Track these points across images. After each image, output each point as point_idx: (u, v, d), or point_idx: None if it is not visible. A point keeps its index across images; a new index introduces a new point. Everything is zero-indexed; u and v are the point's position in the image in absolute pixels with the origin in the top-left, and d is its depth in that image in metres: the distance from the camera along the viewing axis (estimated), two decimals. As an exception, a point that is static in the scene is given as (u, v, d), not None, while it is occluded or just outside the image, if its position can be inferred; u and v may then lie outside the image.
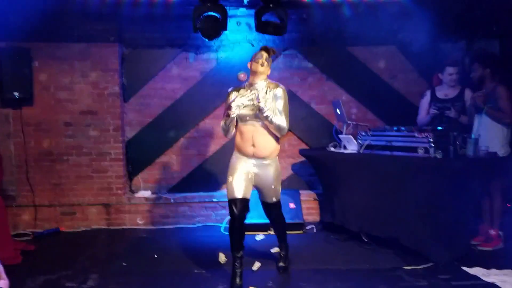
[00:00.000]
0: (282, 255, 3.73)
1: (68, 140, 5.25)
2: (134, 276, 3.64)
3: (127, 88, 5.45)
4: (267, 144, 3.37)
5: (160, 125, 5.52)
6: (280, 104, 3.31)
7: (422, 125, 4.41)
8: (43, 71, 5.17)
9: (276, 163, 3.47)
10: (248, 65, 3.39)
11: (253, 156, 3.36)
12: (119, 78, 5.31)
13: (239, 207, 3.27)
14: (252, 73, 3.37)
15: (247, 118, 3.33)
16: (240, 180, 3.33)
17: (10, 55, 4.92)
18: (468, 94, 4.34)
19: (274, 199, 3.51)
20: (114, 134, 5.30)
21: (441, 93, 4.47)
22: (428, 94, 4.56)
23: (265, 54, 3.34)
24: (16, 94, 4.91)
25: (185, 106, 5.52)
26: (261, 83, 3.38)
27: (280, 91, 3.33)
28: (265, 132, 3.34)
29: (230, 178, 3.36)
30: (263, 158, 3.38)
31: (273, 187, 3.44)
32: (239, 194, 3.29)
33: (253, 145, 3.34)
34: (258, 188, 3.49)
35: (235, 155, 3.47)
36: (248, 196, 3.35)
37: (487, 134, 4.05)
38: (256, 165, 3.39)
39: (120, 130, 5.32)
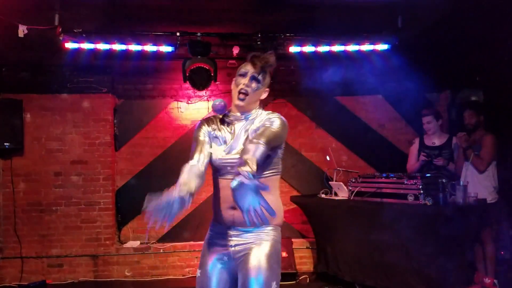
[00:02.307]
0: None
1: (58, 190, 5.21)
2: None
3: (118, 138, 5.49)
4: None
5: (151, 173, 5.51)
6: (267, 126, 2.02)
7: (412, 172, 4.46)
8: (34, 122, 5.21)
9: (273, 237, 2.10)
10: (232, 85, 2.16)
11: (233, 223, 2.11)
12: (111, 128, 5.35)
13: None
14: (233, 105, 2.14)
15: (228, 168, 2.08)
16: (212, 275, 2.12)
17: (2, 106, 4.97)
18: (455, 142, 4.39)
19: None
20: (104, 183, 5.27)
21: (429, 140, 4.53)
22: (416, 142, 4.64)
23: (251, 70, 2.07)
24: (6, 144, 4.92)
25: (176, 154, 5.54)
26: (249, 114, 2.14)
27: (276, 119, 2.07)
28: None
29: (198, 272, 2.19)
30: (249, 228, 2.05)
31: (259, 278, 1.99)
32: None
33: (234, 207, 2.00)
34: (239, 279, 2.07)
35: (210, 229, 2.28)
36: None
37: (476, 181, 4.09)
38: (236, 241, 2.11)
39: (110, 180, 5.30)
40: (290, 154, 5.63)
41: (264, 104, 5.56)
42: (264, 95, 2.19)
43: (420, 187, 3.76)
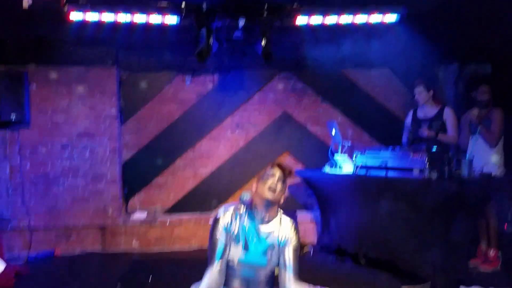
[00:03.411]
0: None
1: (65, 163, 5.24)
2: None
3: (124, 111, 5.49)
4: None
5: (156, 147, 5.55)
6: (291, 253, 2.25)
7: (405, 146, 4.49)
8: (40, 94, 5.19)
9: None
10: (253, 187, 2.29)
11: None
12: (117, 101, 5.35)
13: None
14: (259, 199, 2.24)
15: (245, 269, 2.22)
16: None
17: (7, 78, 4.94)
18: (448, 112, 4.34)
19: None
20: (111, 156, 5.30)
21: (421, 112, 4.50)
22: (410, 114, 4.63)
23: (278, 174, 2.25)
24: (13, 116, 4.93)
25: (181, 128, 5.56)
26: (271, 219, 2.30)
27: (293, 233, 2.30)
28: (267, 283, 2.30)
29: None
30: None
31: None
32: None
33: None
34: None
35: None
36: None
37: (482, 155, 4.10)
38: None
39: (116, 152, 5.33)
40: (295, 128, 5.65)
41: (270, 78, 5.60)
42: (282, 200, 2.33)
43: (426, 161, 3.76)
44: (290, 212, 5.12)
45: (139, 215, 5.42)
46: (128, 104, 5.50)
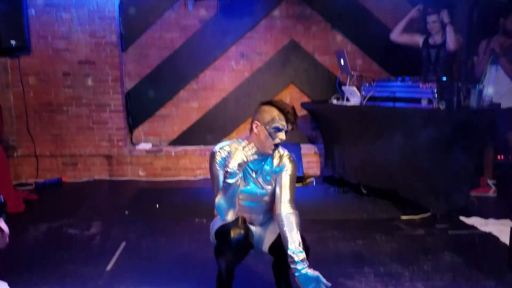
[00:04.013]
0: None
1: (67, 91, 5.19)
2: (136, 224, 3.69)
3: (125, 38, 5.31)
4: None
5: (159, 77, 5.44)
6: (287, 180, 2.21)
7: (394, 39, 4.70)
8: (39, 20, 5.04)
9: None
10: (255, 126, 2.15)
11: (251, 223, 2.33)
12: (117, 27, 5.17)
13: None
14: (260, 145, 2.14)
15: (241, 197, 2.21)
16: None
17: (5, 3, 4.76)
18: (448, 30, 4.27)
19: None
20: (113, 85, 5.23)
21: (431, 40, 4.49)
22: (423, 38, 4.55)
23: (286, 125, 2.14)
24: (13, 42, 4.80)
25: (184, 57, 5.41)
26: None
27: (289, 163, 2.22)
28: (269, 210, 2.35)
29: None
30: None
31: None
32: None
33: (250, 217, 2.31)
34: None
35: None
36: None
37: (501, 86, 3.98)
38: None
39: (119, 81, 5.24)
40: (302, 58, 5.46)
41: (278, 3, 5.31)
42: None
43: (435, 90, 3.65)
44: (294, 145, 5.16)
45: (144, 145, 5.45)
46: (129, 31, 5.31)
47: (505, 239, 3.02)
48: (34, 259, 2.99)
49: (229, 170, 2.03)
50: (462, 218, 3.66)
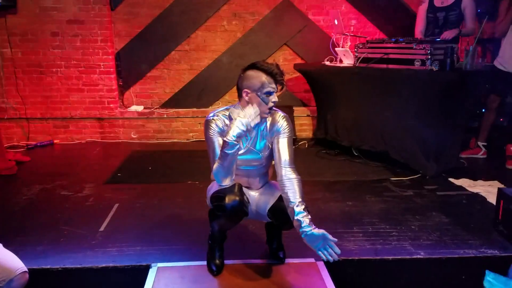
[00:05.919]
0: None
1: (56, 51, 5.07)
2: (129, 185, 3.71)
3: (113, -7, 5.15)
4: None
5: (149, 37, 5.31)
6: (285, 141, 2.18)
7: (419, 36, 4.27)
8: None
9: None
10: (245, 94, 2.11)
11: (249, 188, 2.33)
12: (105, -20, 4.99)
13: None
14: (253, 112, 2.04)
15: (238, 162, 2.15)
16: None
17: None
18: (467, 1, 4.03)
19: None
20: (103, 45, 5.11)
21: (438, 0, 4.22)
22: (426, 1, 4.30)
23: (276, 87, 2.12)
24: (-1, 0, 4.65)
25: (175, 16, 5.26)
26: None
27: (284, 124, 2.20)
28: (265, 173, 2.36)
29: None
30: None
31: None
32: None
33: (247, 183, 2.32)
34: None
35: None
36: None
37: None
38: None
39: (108, 42, 5.12)
40: (295, 18, 5.34)
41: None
42: None
43: (429, 52, 3.61)
44: (287, 107, 5.13)
45: (136, 108, 5.40)
46: (117, -13, 5.14)
47: (492, 200, 3.09)
48: (28, 221, 3.01)
49: (227, 140, 1.99)
50: (451, 179, 3.72)
